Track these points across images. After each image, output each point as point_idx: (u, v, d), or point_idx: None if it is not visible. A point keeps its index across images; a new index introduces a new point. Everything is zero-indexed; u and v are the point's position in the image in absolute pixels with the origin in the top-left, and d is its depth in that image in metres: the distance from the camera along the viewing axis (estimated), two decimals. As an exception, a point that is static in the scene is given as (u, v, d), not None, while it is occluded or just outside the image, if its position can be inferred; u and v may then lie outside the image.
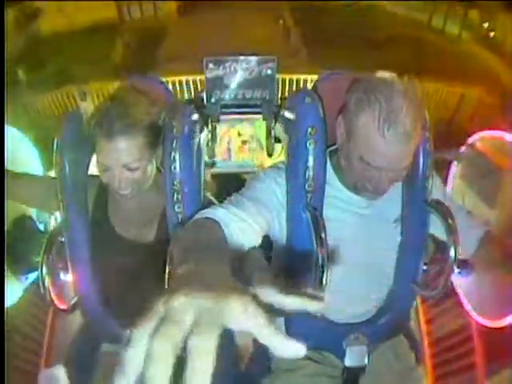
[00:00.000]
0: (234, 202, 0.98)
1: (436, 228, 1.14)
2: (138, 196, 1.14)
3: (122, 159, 1.05)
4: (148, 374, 0.37)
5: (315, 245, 1.00)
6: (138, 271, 1.15)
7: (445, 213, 1.11)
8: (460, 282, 1.40)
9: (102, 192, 1.21)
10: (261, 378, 1.18)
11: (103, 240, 1.18)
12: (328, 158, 1.09)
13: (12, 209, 1.64)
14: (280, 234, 1.09)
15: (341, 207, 1.09)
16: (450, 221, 1.09)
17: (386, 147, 0.92)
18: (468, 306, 1.98)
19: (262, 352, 1.26)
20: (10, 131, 1.48)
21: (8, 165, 1.30)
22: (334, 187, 1.09)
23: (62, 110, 4.38)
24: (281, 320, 1.14)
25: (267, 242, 1.10)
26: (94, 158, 1.20)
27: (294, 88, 3.49)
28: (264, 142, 1.69)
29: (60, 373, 1.13)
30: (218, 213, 0.90)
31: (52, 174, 1.21)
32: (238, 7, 8.08)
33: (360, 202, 1.09)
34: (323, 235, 1.00)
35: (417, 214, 1.13)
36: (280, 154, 1.39)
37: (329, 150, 1.10)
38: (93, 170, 1.21)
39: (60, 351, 1.51)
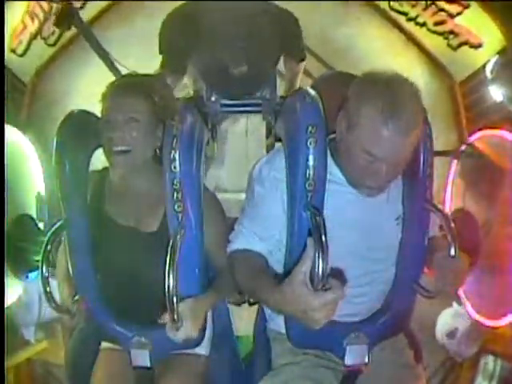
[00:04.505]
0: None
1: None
2: (134, 179, 1.18)
3: (124, 107, 1.14)
4: None
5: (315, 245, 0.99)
6: (139, 261, 1.15)
7: (443, 211, 1.13)
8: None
9: (100, 183, 1.22)
10: (261, 373, 1.18)
11: (100, 228, 1.18)
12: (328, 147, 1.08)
13: (12, 208, 1.64)
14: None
15: (341, 198, 1.08)
16: (449, 218, 1.09)
17: (388, 137, 0.97)
18: (468, 306, 1.98)
19: (262, 348, 1.26)
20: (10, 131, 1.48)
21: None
22: (334, 175, 1.09)
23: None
24: (281, 319, 1.14)
25: None
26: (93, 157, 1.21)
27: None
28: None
29: None
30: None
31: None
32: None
33: (360, 195, 1.09)
34: (323, 237, 0.99)
35: (418, 213, 1.13)
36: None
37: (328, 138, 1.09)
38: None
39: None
